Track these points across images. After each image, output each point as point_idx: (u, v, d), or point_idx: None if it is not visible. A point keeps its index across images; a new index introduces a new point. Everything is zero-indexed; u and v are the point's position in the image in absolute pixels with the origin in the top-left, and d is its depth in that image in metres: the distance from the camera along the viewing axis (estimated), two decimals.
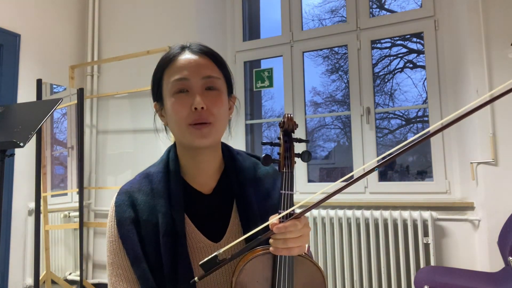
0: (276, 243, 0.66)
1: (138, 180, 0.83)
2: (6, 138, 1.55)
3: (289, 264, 0.70)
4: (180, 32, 2.98)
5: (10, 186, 2.65)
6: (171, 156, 0.84)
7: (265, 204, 0.82)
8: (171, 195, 0.78)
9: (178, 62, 0.77)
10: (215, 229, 0.79)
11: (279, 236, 0.66)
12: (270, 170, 0.90)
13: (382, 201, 2.51)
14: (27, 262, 2.75)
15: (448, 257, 2.34)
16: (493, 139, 2.18)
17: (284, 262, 0.70)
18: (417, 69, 2.92)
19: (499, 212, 2.11)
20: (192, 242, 0.77)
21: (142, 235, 0.75)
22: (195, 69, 0.76)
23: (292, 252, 0.67)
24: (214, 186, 0.83)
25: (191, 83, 0.75)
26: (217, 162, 0.84)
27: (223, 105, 0.77)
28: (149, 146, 2.99)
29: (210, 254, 0.74)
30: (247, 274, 0.70)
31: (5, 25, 2.69)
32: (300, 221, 0.66)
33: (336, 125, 3.22)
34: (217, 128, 0.76)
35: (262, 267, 0.71)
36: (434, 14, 2.61)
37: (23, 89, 2.77)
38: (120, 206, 0.79)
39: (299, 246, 0.67)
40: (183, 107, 0.74)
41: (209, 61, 0.78)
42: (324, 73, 3.21)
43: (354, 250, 2.47)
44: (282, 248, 0.66)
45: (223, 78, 0.80)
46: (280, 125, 0.80)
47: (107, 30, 3.30)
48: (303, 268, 0.73)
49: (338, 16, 3.19)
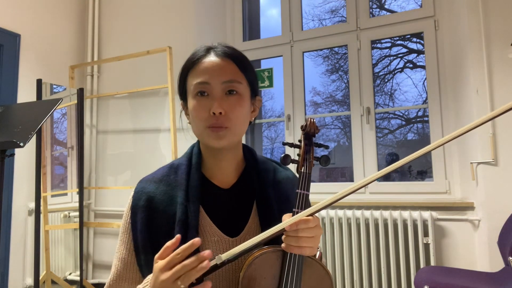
0: (289, 240, 0.67)
1: (162, 171, 0.86)
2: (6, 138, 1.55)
3: (299, 265, 0.71)
4: (180, 32, 2.98)
5: (10, 186, 2.65)
6: (194, 151, 0.86)
7: (285, 207, 0.82)
8: (189, 186, 0.80)
9: (201, 65, 0.79)
10: (233, 224, 0.81)
11: (292, 234, 0.67)
12: (290, 174, 0.92)
13: (382, 201, 2.51)
14: (27, 262, 2.75)
15: (448, 257, 2.34)
16: (493, 139, 2.18)
17: (294, 261, 0.70)
18: (417, 69, 2.92)
19: (499, 212, 2.11)
20: (206, 235, 0.78)
21: (155, 224, 0.77)
22: (217, 73, 0.77)
23: (303, 251, 0.68)
24: (234, 183, 0.85)
25: (211, 87, 0.77)
26: (237, 161, 0.86)
27: (242, 109, 0.79)
28: (149, 146, 2.99)
29: (225, 248, 0.77)
30: (255, 269, 0.70)
31: (5, 25, 2.69)
32: (312, 220, 0.67)
33: (336, 125, 3.22)
34: (233, 131, 0.78)
35: (271, 264, 0.71)
36: (434, 14, 2.61)
37: (23, 89, 2.77)
38: (138, 193, 0.82)
39: (310, 247, 0.68)
40: (202, 110, 0.77)
41: (232, 65, 0.79)
42: (324, 73, 3.21)
43: (354, 250, 2.47)
44: (294, 246, 0.67)
45: (246, 81, 0.81)
46: (302, 128, 0.82)
47: (107, 30, 3.30)
48: (312, 271, 0.73)
49: (338, 16, 3.19)
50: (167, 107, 2.93)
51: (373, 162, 2.70)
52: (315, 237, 0.69)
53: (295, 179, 0.90)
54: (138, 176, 0.93)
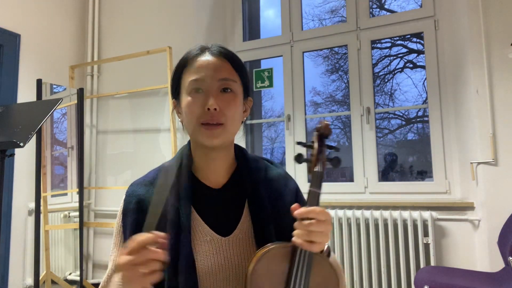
0: (300, 234, 0.68)
1: (152, 173, 0.86)
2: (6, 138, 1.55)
3: (308, 261, 0.71)
4: (180, 32, 2.98)
5: (10, 186, 2.65)
6: (184, 152, 0.86)
7: (277, 203, 0.83)
8: (179, 188, 0.80)
9: (196, 63, 0.80)
10: (225, 224, 0.81)
11: (303, 228, 0.68)
12: (282, 172, 0.92)
13: (382, 201, 2.51)
14: (27, 262, 2.75)
15: (448, 257, 2.34)
16: (493, 139, 2.18)
17: (304, 257, 0.71)
18: (417, 69, 2.92)
19: (499, 212, 2.11)
20: (199, 236, 0.79)
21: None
22: (212, 71, 0.79)
23: (312, 247, 0.68)
24: (225, 182, 0.85)
25: (207, 84, 0.78)
26: (229, 161, 0.86)
27: (236, 107, 0.80)
28: (149, 146, 2.99)
29: (218, 247, 0.78)
30: (264, 263, 0.71)
31: (5, 25, 2.69)
32: (321, 211, 0.69)
33: (336, 125, 3.22)
34: (228, 129, 0.79)
35: (280, 260, 0.72)
36: (434, 14, 2.61)
37: (23, 89, 2.77)
38: (129, 196, 0.83)
39: (319, 243, 0.69)
40: (197, 106, 0.77)
41: (227, 64, 0.81)
42: (324, 73, 3.21)
43: (354, 250, 2.47)
44: (304, 241, 0.68)
45: (240, 81, 0.82)
46: (317, 130, 0.82)
47: (107, 30, 3.30)
48: (320, 269, 0.74)
49: (338, 16, 3.19)
50: (167, 107, 2.93)
51: (373, 162, 2.70)
52: (325, 232, 0.69)
53: (288, 176, 0.91)
54: (138, 176, 0.93)
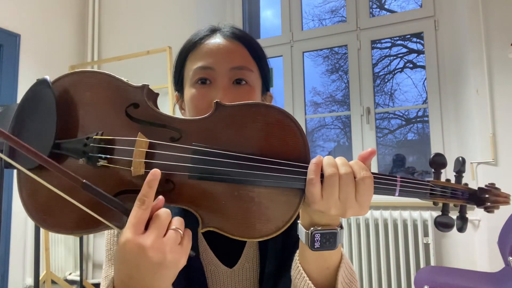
0: (327, 188, 0.47)
1: None
2: None
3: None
4: (180, 32, 2.97)
5: (10, 186, 2.65)
6: None
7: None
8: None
9: (204, 47, 0.65)
10: (230, 252, 0.69)
11: (333, 179, 0.47)
12: None
13: (382, 201, 2.51)
14: (27, 262, 2.75)
15: (448, 257, 2.34)
16: (493, 139, 2.18)
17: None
18: (417, 69, 2.92)
19: (499, 212, 2.10)
20: (204, 263, 0.67)
21: None
22: (224, 57, 0.63)
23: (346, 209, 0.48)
24: None
25: (216, 73, 0.63)
26: None
27: None
28: None
29: (222, 279, 0.67)
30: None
31: (5, 25, 2.69)
32: (355, 163, 0.49)
33: (336, 125, 3.22)
34: None
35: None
36: (434, 14, 2.61)
37: (23, 89, 2.77)
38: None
39: (352, 208, 0.48)
40: (202, 100, 0.62)
41: (242, 49, 0.66)
42: (324, 73, 3.22)
43: (354, 250, 2.47)
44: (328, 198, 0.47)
45: (258, 71, 0.67)
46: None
47: (107, 30, 3.30)
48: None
49: (338, 16, 3.19)
50: (167, 107, 2.93)
51: (373, 162, 2.70)
52: (360, 192, 0.48)
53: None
54: None
